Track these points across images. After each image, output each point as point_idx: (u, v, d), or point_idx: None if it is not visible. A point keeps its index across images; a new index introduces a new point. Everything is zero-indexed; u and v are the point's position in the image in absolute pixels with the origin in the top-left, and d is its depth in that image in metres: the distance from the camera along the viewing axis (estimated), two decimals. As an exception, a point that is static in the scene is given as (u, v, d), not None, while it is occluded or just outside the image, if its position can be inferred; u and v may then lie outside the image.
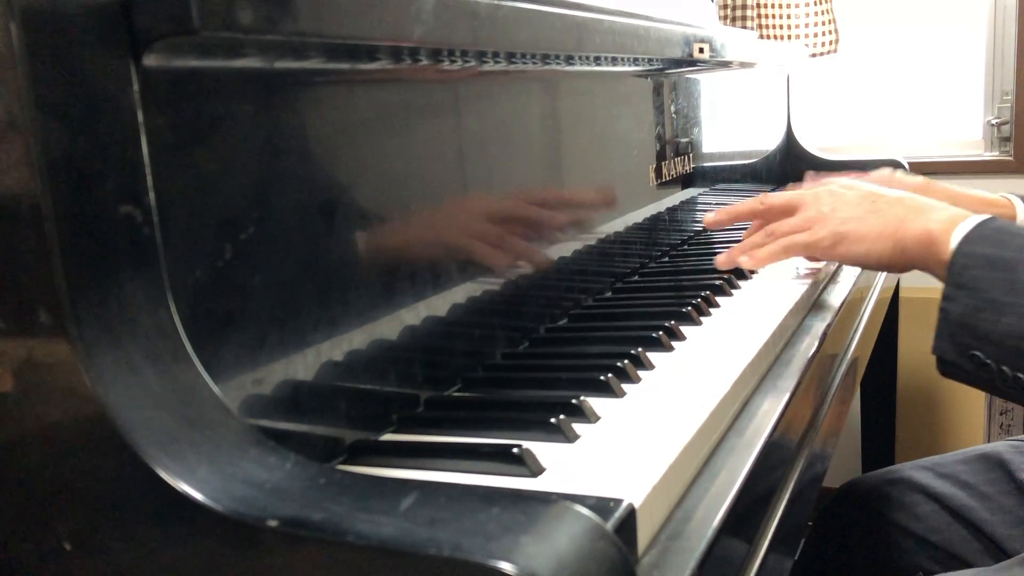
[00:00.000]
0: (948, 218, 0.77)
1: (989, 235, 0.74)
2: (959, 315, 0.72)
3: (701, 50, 1.00)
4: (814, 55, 1.94)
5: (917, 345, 1.91)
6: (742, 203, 0.93)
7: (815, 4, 1.93)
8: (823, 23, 1.94)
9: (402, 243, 0.58)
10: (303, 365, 0.49)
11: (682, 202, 1.13)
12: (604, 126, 0.90)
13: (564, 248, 0.81)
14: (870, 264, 0.83)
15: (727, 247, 0.98)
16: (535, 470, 0.47)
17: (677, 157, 1.09)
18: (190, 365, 0.40)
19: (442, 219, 0.63)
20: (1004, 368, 0.69)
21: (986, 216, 0.77)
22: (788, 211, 0.88)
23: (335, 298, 0.52)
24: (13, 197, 0.36)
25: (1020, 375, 0.69)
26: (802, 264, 0.95)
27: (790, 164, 1.69)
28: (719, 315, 0.80)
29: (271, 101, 0.48)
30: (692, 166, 1.15)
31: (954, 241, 0.75)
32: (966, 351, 0.71)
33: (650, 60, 0.93)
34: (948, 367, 0.74)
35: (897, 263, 0.81)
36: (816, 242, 0.84)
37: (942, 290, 0.74)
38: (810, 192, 0.88)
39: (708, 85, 1.21)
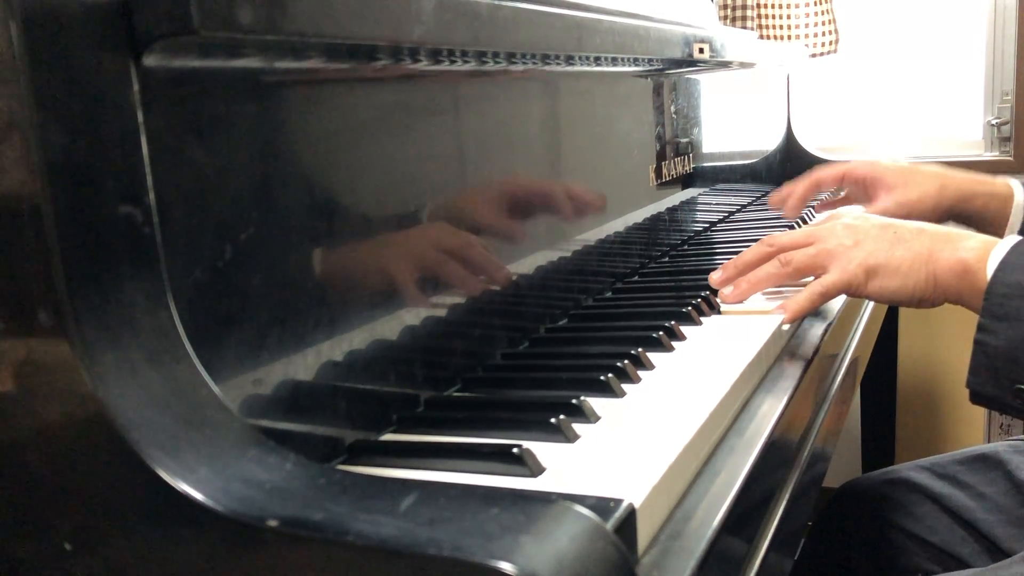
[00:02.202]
0: (980, 245, 0.74)
1: None
2: (1002, 348, 0.68)
3: (701, 50, 1.00)
4: (814, 55, 1.94)
5: (917, 345, 1.91)
6: (748, 252, 0.84)
7: (815, 4, 1.93)
8: (823, 23, 1.94)
9: (402, 243, 0.58)
10: (303, 365, 0.49)
11: (682, 202, 1.13)
12: (604, 126, 0.90)
13: (564, 248, 0.81)
14: (902, 299, 0.77)
15: (728, 246, 0.98)
16: (535, 470, 0.47)
17: (677, 157, 1.09)
18: (190, 365, 0.40)
19: (442, 218, 0.63)
20: None
21: (1016, 239, 0.73)
22: (800, 248, 0.81)
23: (335, 298, 0.52)
24: (13, 197, 0.36)
25: None
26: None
27: (790, 164, 1.69)
28: (719, 315, 0.80)
29: (271, 101, 0.48)
30: (692, 166, 1.15)
31: (989, 269, 0.71)
32: (1011, 386, 0.68)
33: (650, 60, 0.93)
34: (984, 401, 0.71)
35: (929, 297, 0.76)
36: (850, 279, 0.77)
37: (977, 321, 0.70)
38: (824, 226, 0.82)
39: (708, 85, 1.21)
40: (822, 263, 0.79)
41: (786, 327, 0.77)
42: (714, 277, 0.84)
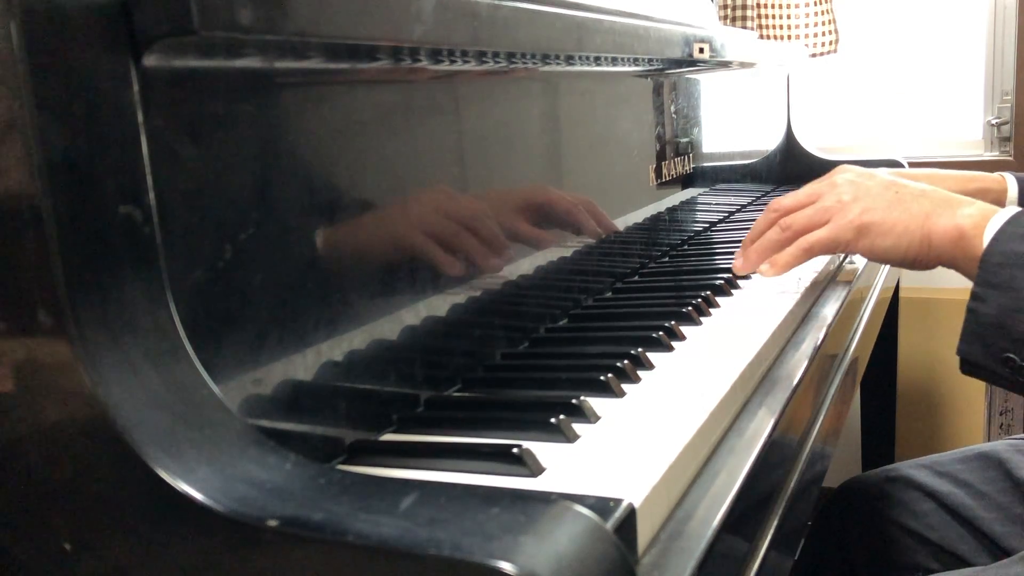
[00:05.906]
0: (978, 213, 0.74)
1: (1023, 231, 0.70)
2: (993, 316, 0.68)
3: (701, 50, 1.00)
4: (814, 55, 1.94)
5: (917, 345, 1.91)
6: (757, 222, 0.86)
7: (815, 4, 1.93)
8: (823, 23, 1.94)
9: (402, 243, 0.58)
10: (303, 365, 0.49)
11: (682, 202, 1.13)
12: (604, 126, 0.90)
13: (564, 248, 0.81)
14: (894, 259, 0.77)
15: (728, 246, 0.98)
16: (535, 470, 0.47)
17: (677, 157, 1.09)
18: (190, 365, 0.40)
19: (442, 219, 0.63)
20: None
21: (1016, 209, 0.73)
22: (803, 207, 0.82)
23: (335, 298, 0.52)
24: (13, 197, 0.36)
25: None
26: (805, 277, 0.93)
27: (790, 164, 1.69)
28: (719, 315, 0.80)
29: (271, 101, 0.48)
30: (692, 166, 1.15)
31: (986, 238, 0.71)
32: (1000, 354, 0.68)
33: (650, 60, 0.93)
34: (974, 369, 0.71)
35: (922, 259, 0.76)
36: (837, 236, 0.77)
37: (971, 290, 0.70)
38: (826, 181, 0.82)
39: (708, 85, 1.21)
40: (820, 220, 0.79)
41: (788, 327, 0.77)
42: (738, 264, 0.86)
